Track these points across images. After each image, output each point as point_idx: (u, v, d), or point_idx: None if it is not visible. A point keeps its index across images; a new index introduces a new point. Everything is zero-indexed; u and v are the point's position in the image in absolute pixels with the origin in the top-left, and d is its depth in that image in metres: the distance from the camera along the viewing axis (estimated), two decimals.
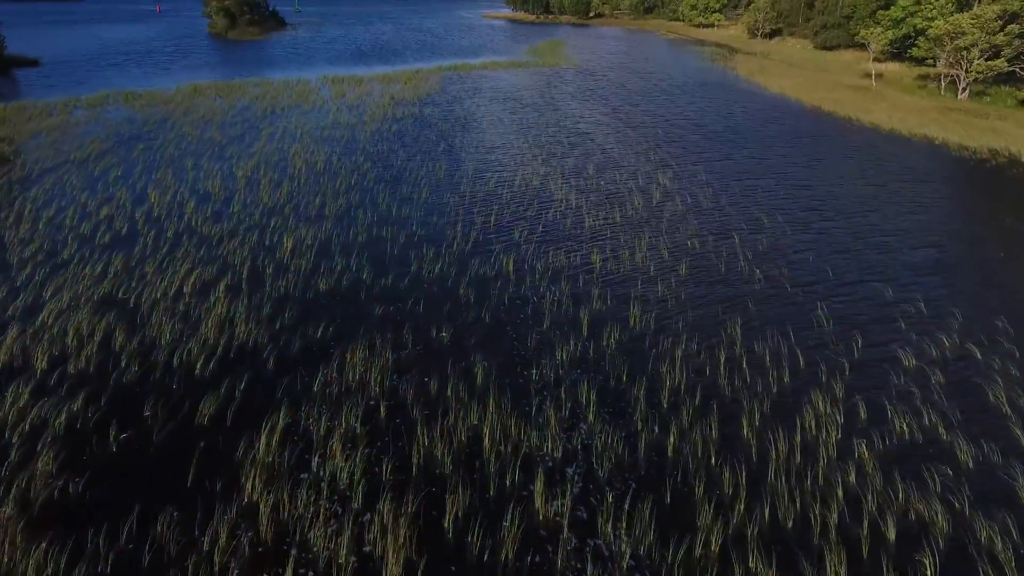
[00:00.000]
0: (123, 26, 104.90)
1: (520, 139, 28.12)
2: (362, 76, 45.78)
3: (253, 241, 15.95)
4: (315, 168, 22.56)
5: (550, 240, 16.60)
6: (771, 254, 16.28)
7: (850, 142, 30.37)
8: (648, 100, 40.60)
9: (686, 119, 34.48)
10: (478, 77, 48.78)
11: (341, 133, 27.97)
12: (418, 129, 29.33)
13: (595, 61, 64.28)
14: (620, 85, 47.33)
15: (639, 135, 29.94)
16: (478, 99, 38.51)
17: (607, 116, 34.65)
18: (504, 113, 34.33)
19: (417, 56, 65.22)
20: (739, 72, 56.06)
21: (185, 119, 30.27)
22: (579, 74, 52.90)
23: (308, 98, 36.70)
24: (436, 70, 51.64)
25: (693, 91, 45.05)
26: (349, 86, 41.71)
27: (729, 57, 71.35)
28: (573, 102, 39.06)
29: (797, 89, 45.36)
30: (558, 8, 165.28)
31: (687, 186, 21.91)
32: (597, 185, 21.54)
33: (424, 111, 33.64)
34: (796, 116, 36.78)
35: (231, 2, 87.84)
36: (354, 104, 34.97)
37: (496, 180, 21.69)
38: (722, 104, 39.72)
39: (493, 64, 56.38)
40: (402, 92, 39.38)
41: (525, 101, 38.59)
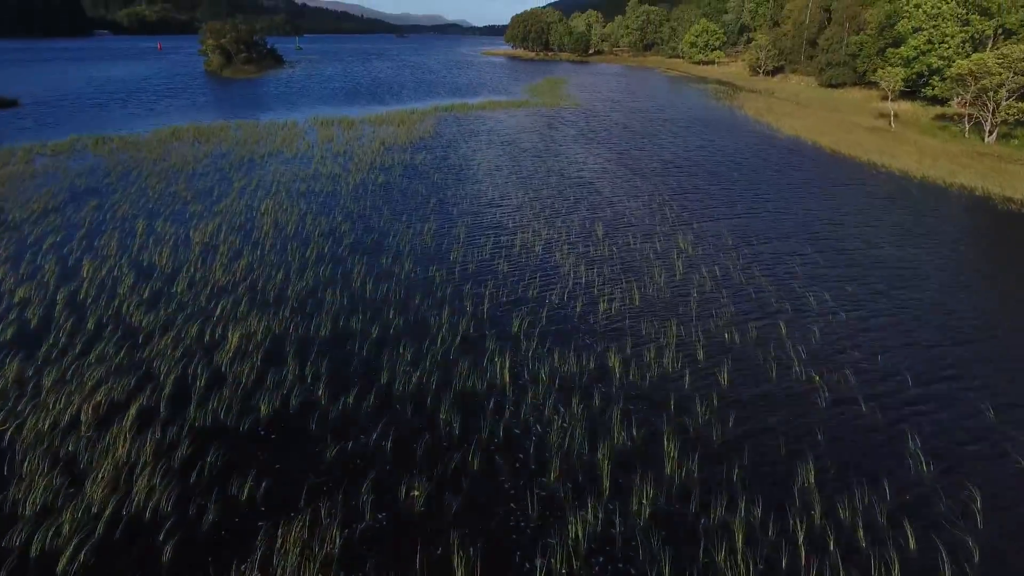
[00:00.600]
0: (121, 64, 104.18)
1: (519, 192, 25.36)
2: (353, 118, 43.48)
3: (191, 337, 12.90)
4: (284, 231, 19.67)
5: (556, 333, 13.56)
6: (826, 349, 13.22)
7: (880, 191, 27.62)
8: (654, 143, 38.12)
9: (698, 165, 31.85)
10: (475, 118, 46.54)
11: (321, 186, 25.21)
12: (407, 180, 26.60)
13: (596, 100, 62.41)
14: (623, 126, 45.03)
15: (650, 186, 27.21)
16: (474, 143, 36.00)
17: (612, 163, 32.04)
18: (502, 159, 31.72)
19: (413, 95, 63.40)
20: (747, 112, 53.96)
21: (153, 169, 27.58)
22: (580, 114, 50.74)
23: (292, 143, 34.16)
24: (432, 110, 49.50)
25: (701, 132, 42.67)
26: (338, 129, 39.30)
27: (734, 95, 69.66)
28: (575, 146, 36.55)
29: (811, 130, 43.00)
30: (557, 45, 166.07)
31: (712, 251, 18.99)
32: (609, 252, 18.61)
33: (415, 158, 31.02)
34: (816, 161, 34.19)
35: (227, 40, 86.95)
36: (340, 150, 32.39)
37: (492, 246, 18.77)
38: (735, 148, 37.21)
39: (491, 104, 54.34)
40: (394, 136, 36.91)
41: (524, 145, 36.08)
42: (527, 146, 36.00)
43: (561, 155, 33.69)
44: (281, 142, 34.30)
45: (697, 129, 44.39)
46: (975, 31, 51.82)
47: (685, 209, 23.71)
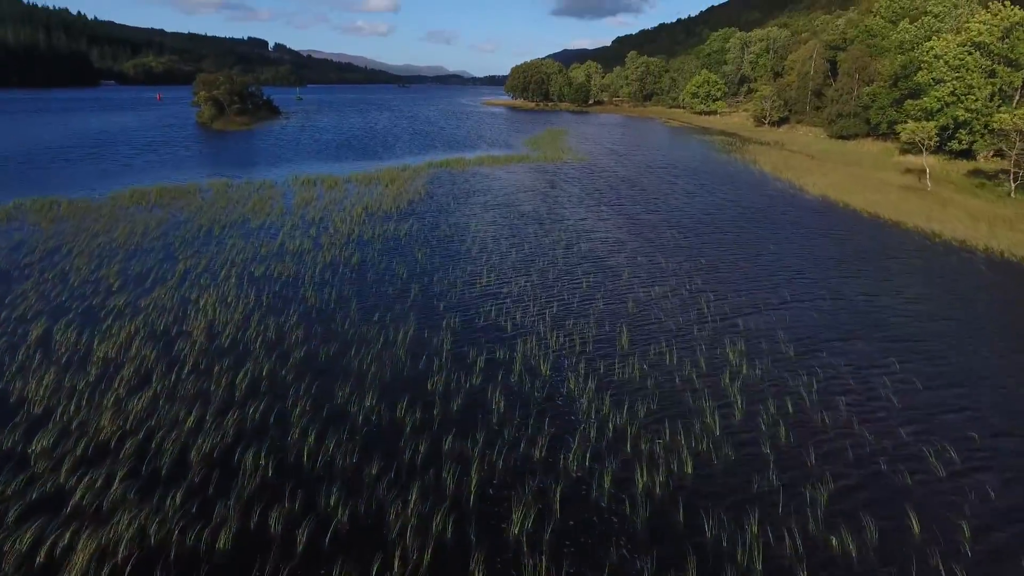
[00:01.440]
0: (114, 115, 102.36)
1: (520, 275, 21.08)
2: (338, 177, 39.78)
3: (20, 553, 8.30)
4: (218, 341, 15.26)
5: (575, 538, 8.95)
6: (956, 521, 8.61)
7: (944, 268, 23.38)
8: (669, 205, 34.21)
9: (724, 233, 27.75)
10: (472, 176, 42.91)
11: (283, 268, 20.97)
12: (387, 260, 22.38)
13: (600, 153, 59.22)
14: (632, 183, 41.32)
15: (674, 263, 22.98)
16: (469, 207, 32.05)
17: (626, 232, 27.96)
18: (500, 229, 27.65)
19: (408, 149, 60.28)
20: (763, 167, 50.50)
21: (91, 244, 23.42)
22: (584, 170, 47.22)
23: (264, 208, 30.20)
24: (426, 167, 45.98)
25: (719, 192, 38.89)
26: (320, 190, 35.48)
27: (743, 147, 66.68)
28: (581, 209, 32.60)
29: (839, 189, 39.25)
30: (557, 96, 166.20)
31: (771, 368, 14.53)
32: (639, 374, 14.14)
33: (400, 228, 26.93)
34: (855, 227, 30.15)
35: (220, 92, 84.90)
36: (316, 218, 28.36)
37: (484, 366, 14.32)
38: (760, 210, 33.27)
39: (489, 159, 50.95)
40: (380, 198, 33.02)
41: (524, 209, 32.13)
42: (528, 209, 32.05)
43: (567, 222, 29.68)
44: (251, 207, 30.35)
45: (713, 188, 40.64)
46: (1003, 83, 48.90)
47: (723, 298, 19.38)
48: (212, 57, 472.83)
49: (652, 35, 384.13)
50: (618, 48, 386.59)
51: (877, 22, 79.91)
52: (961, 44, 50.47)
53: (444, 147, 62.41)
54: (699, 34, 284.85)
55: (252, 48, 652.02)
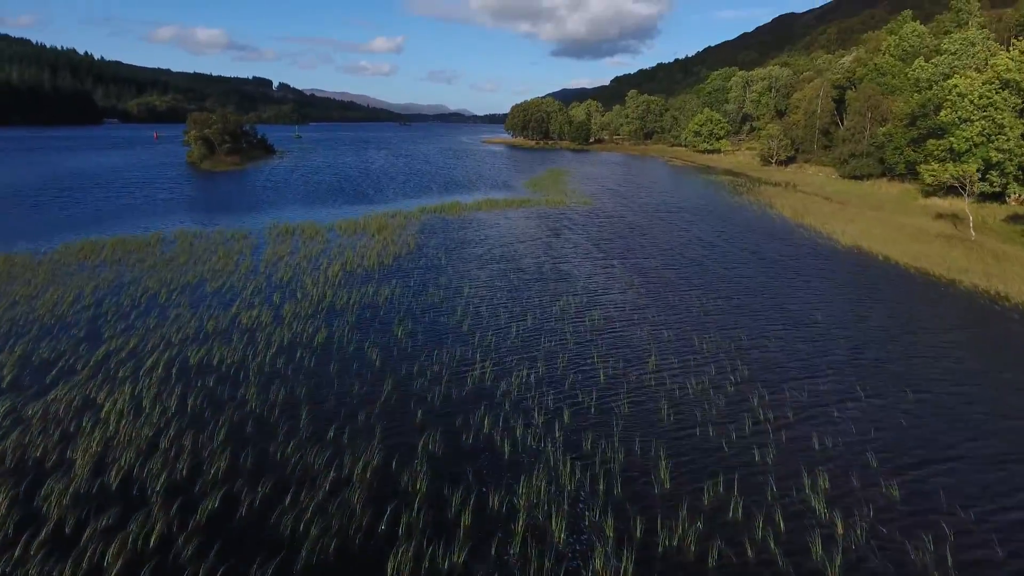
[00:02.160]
0: (106, 153, 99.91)
1: (521, 365, 16.99)
2: (321, 225, 36.10)
3: None
4: (106, 475, 11.09)
5: None
6: None
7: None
8: (687, 258, 30.35)
9: (759, 298, 23.78)
10: (468, 223, 39.26)
11: (228, 352, 16.91)
12: (358, 338, 18.35)
13: (604, 195, 55.86)
14: (642, 231, 37.62)
15: (709, 344, 18.92)
16: (463, 263, 28.18)
17: (644, 294, 24.01)
18: (496, 293, 23.68)
19: (402, 191, 56.95)
20: (781, 211, 46.97)
21: (3, 316, 19.42)
22: (590, 215, 43.64)
23: (227, 265, 26.33)
24: (418, 212, 42.40)
25: (738, 240, 35.14)
26: (297, 241, 31.72)
27: (754, 189, 63.46)
28: (589, 264, 28.74)
29: (872, 239, 35.50)
30: (558, 134, 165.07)
31: (880, 524, 10.32)
32: (694, 538, 9.91)
33: (380, 293, 22.97)
34: (905, 288, 26.21)
35: (211, 131, 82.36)
36: (284, 279, 24.45)
37: (469, 526, 10.12)
38: (791, 267, 29.40)
39: (488, 203, 47.46)
40: (363, 252, 29.21)
41: (526, 264, 28.28)
42: (529, 265, 28.19)
43: (574, 281, 25.75)
44: (214, 264, 26.47)
45: (732, 236, 36.92)
46: None
47: (779, 393, 15.26)
48: (216, 96, 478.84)
49: (650, 74, 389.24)
50: (616, 87, 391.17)
51: (887, 60, 77.85)
52: (987, 82, 47.59)
53: (440, 189, 59.11)
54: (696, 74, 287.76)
55: (256, 87, 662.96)
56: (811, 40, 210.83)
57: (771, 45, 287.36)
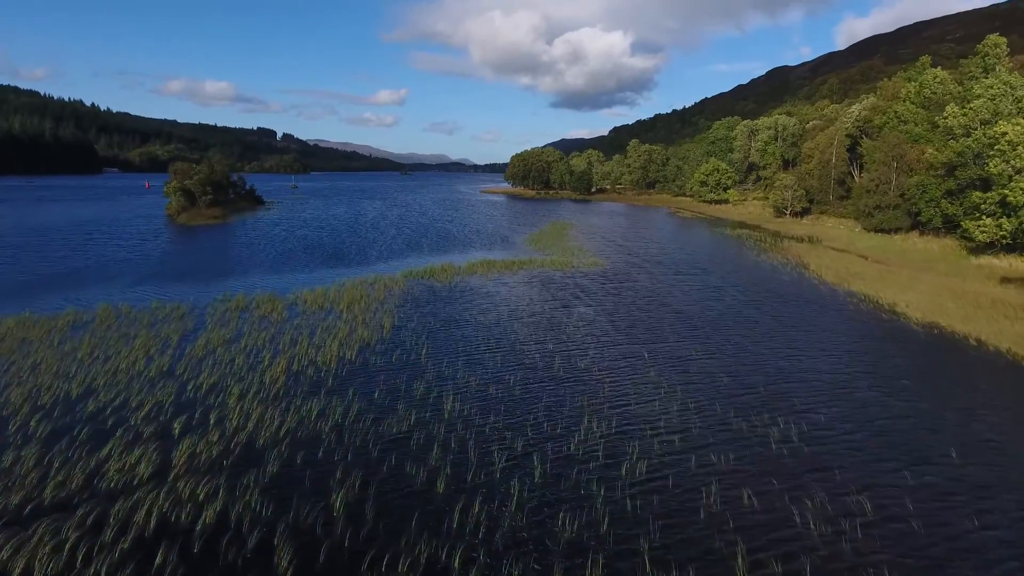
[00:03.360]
0: (88, 204, 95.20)
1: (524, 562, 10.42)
2: (283, 298, 30.03)
3: None
4: None
5: None
6: None
7: None
8: (731, 345, 24.00)
9: (836, 407, 17.33)
10: (459, 292, 33.14)
11: (54, 543, 10.36)
12: (272, 515, 11.81)
13: (613, 252, 50.02)
14: (665, 302, 31.44)
15: (816, 515, 12.37)
16: (446, 359, 21.82)
17: (693, 410, 17.59)
18: (489, 410, 17.26)
19: (389, 249, 51.14)
20: (820, 273, 40.96)
21: None
22: (600, 280, 37.58)
23: (137, 362, 20.04)
24: (402, 278, 36.37)
25: (785, 316, 28.91)
26: (247, 323, 25.52)
27: (778, 244, 57.79)
28: (610, 356, 22.41)
29: (946, 313, 29.34)
30: (558, 183, 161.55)
31: None
32: None
33: (327, 415, 16.54)
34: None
35: (193, 182, 77.60)
36: (205, 387, 18.08)
37: None
38: (866, 360, 23.04)
39: (484, 265, 41.51)
40: (322, 340, 22.94)
41: (528, 356, 21.95)
42: (533, 357, 21.87)
43: (595, 386, 19.39)
44: (121, 361, 20.17)
45: (775, 309, 30.76)
46: None
47: None
48: (219, 146, 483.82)
49: (648, 125, 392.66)
50: (615, 137, 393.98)
51: (908, 108, 73.59)
52: None
53: (432, 247, 53.35)
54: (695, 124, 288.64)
55: (260, 137, 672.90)
56: (811, 90, 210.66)
57: (768, 96, 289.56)
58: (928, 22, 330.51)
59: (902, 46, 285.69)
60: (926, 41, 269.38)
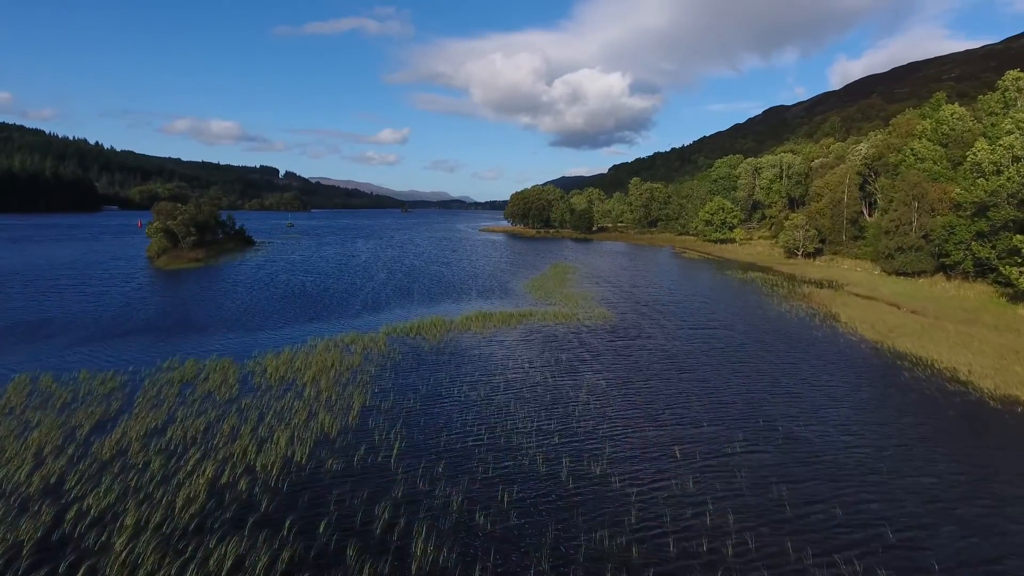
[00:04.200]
0: (64, 245, 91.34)
1: None
2: (239, 366, 25.56)
3: None
4: None
5: None
6: None
7: None
8: (766, 421, 19.34)
9: (946, 547, 12.62)
10: (448, 354, 28.62)
11: None
12: None
13: (620, 301, 45.62)
14: (685, 367, 26.84)
15: None
16: (423, 458, 17.16)
17: (752, 530, 12.87)
18: (469, 557, 12.56)
19: (376, 298, 46.75)
20: (856, 327, 36.48)
21: None
22: (609, 336, 33.08)
23: (20, 471, 15.37)
24: (385, 336, 31.91)
25: (825, 383, 24.31)
26: (185, 401, 20.94)
27: (797, 290, 53.45)
28: (629, 450, 17.75)
29: (1021, 382, 24.71)
30: (559, 222, 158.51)
31: None
32: None
33: (251, 556, 11.87)
34: None
35: (176, 222, 73.85)
36: (93, 513, 13.44)
37: None
38: (932, 436, 18.41)
39: (479, 318, 37.07)
40: (269, 430, 18.35)
41: (526, 451, 17.31)
42: (531, 448, 17.23)
43: (618, 505, 14.71)
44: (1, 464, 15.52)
45: (810, 373, 26.20)
46: None
47: None
48: (221, 183, 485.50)
49: (647, 163, 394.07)
50: (615, 175, 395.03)
51: (925, 145, 70.35)
52: None
53: (423, 294, 49.00)
54: (694, 162, 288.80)
55: (262, 175, 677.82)
56: (812, 128, 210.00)
57: (766, 134, 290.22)
58: (922, 62, 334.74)
59: (898, 85, 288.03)
60: (923, 80, 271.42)
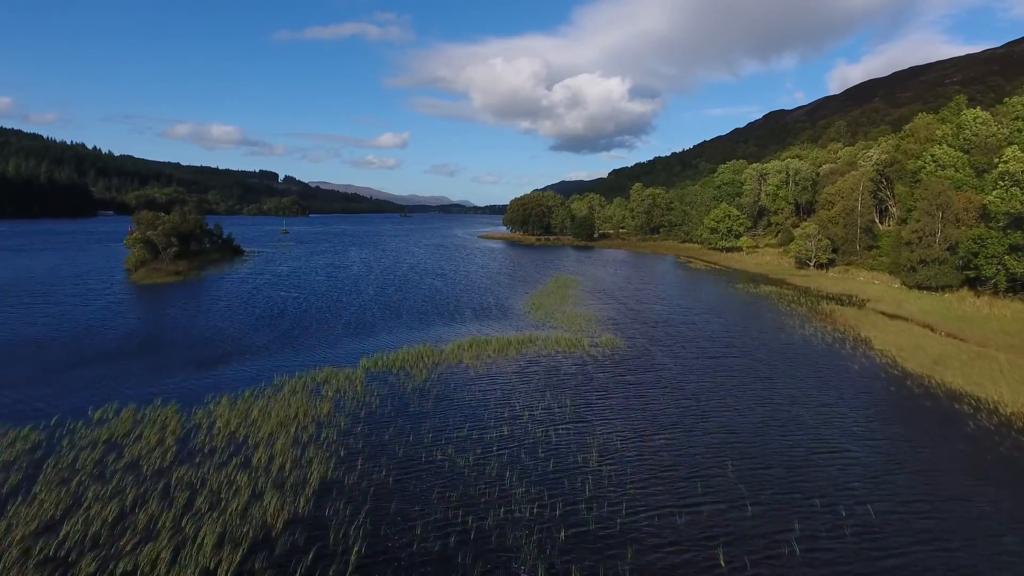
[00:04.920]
0: (48, 254, 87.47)
1: None
2: (191, 414, 21.60)
3: None
4: None
5: None
6: None
7: None
8: (821, 499, 15.39)
9: None
10: (435, 399, 24.68)
11: None
12: None
13: (628, 321, 41.70)
14: (706, 410, 22.93)
15: None
16: (388, 573, 13.23)
17: None
18: None
19: (361, 320, 42.76)
20: (892, 355, 32.59)
21: None
22: (619, 369, 29.19)
23: None
24: (363, 371, 28.04)
25: (875, 433, 20.38)
26: (104, 473, 17.08)
27: (817, 307, 49.57)
28: (660, 554, 13.79)
29: None
30: (559, 229, 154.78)
31: None
32: None
33: None
34: None
35: (157, 232, 69.92)
36: None
37: None
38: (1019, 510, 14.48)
39: (473, 345, 33.19)
40: (194, 527, 14.44)
41: (521, 560, 13.34)
42: (524, 548, 13.31)
43: None
44: None
45: (852, 417, 22.30)
46: None
47: None
48: (219, 188, 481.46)
49: (647, 167, 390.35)
50: (615, 180, 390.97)
51: (946, 151, 66.56)
52: None
53: (413, 314, 45.08)
54: (695, 166, 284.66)
55: (262, 180, 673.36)
56: (816, 133, 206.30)
57: (768, 139, 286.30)
58: (923, 67, 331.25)
59: (900, 90, 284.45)
60: (925, 85, 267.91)
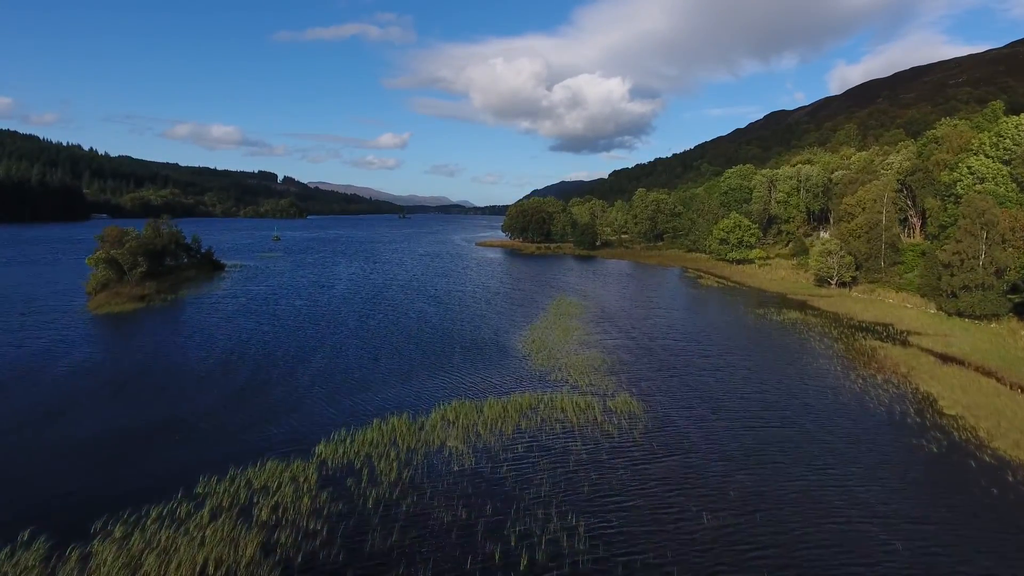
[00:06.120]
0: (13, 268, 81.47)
1: None
2: (64, 564, 15.68)
3: None
4: None
5: None
6: None
7: None
8: None
9: None
10: (403, 525, 18.80)
11: None
12: None
13: (641, 364, 35.64)
14: (758, 537, 17.00)
15: None
16: None
17: None
18: None
19: (332, 365, 36.72)
20: (972, 427, 26.83)
21: None
22: (637, 450, 23.27)
23: None
24: (315, 469, 22.18)
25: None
26: None
27: (855, 341, 43.67)
28: None
29: None
30: (560, 236, 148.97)
31: None
32: None
33: None
34: None
35: (122, 251, 64.02)
36: None
37: None
38: None
39: (460, 415, 27.36)
40: None
41: None
42: None
43: None
44: None
45: (975, 561, 16.45)
46: None
47: None
48: (217, 190, 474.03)
49: (648, 168, 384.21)
50: (615, 181, 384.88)
51: (983, 162, 60.72)
52: None
53: (393, 358, 39.12)
54: (697, 168, 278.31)
55: (260, 180, 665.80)
56: (823, 135, 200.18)
57: (772, 140, 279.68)
58: (925, 67, 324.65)
59: (904, 90, 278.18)
60: (930, 85, 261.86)
